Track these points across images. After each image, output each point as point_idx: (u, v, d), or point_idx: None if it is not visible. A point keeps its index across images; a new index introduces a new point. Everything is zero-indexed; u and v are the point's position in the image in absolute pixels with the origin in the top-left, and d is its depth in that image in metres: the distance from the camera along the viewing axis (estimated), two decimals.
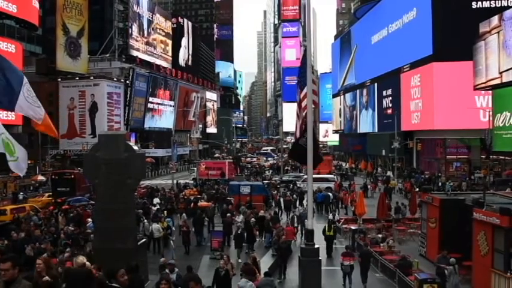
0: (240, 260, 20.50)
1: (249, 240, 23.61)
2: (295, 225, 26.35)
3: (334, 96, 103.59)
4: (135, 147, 14.99)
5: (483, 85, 43.49)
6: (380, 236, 24.14)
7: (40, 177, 49.67)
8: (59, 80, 67.37)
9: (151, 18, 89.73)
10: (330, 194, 36.48)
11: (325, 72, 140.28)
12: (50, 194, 40.39)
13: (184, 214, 27.54)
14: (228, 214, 26.89)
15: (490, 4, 50.21)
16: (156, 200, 34.33)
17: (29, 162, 50.77)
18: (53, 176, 43.32)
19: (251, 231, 24.10)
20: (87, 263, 12.90)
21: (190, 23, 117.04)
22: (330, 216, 27.10)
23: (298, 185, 44.27)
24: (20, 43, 58.58)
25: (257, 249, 23.09)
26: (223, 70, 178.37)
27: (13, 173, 46.72)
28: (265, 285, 13.52)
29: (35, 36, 69.77)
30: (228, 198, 33.92)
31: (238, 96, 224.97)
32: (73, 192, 37.34)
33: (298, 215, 27.71)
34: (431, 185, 40.21)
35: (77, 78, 68.93)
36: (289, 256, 20.44)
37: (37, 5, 58.74)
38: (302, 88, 16.27)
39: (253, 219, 25.49)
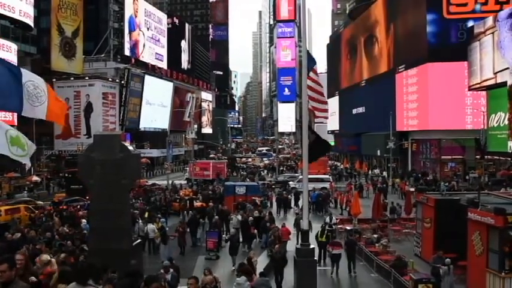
0: (234, 268, 19.82)
1: (247, 239, 23.94)
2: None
3: (329, 96, 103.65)
4: (130, 148, 14.96)
5: (478, 85, 43.70)
6: (375, 236, 24.21)
7: (35, 178, 49.42)
8: (54, 80, 66.97)
9: (147, 17, 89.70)
10: (322, 193, 36.79)
11: (321, 73, 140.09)
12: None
13: (191, 212, 27.80)
14: (216, 216, 26.38)
15: None
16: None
17: (23, 163, 50.87)
18: (67, 174, 45.75)
19: (248, 229, 24.31)
20: (52, 260, 12.86)
21: (189, 26, 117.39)
22: (327, 220, 26.34)
23: (291, 186, 44.35)
24: (15, 43, 58.43)
25: (253, 249, 23.07)
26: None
27: (7, 174, 46.77)
28: (261, 285, 13.51)
29: (29, 37, 69.48)
30: (255, 198, 33.18)
31: (234, 97, 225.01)
32: (86, 190, 37.65)
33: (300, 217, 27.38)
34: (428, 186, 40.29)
35: (72, 79, 68.67)
36: (285, 266, 18.24)
37: (32, 5, 58.75)
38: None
39: (251, 218, 25.54)
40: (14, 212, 29.82)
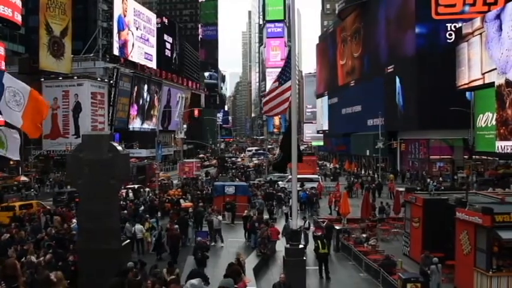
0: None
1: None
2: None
3: (318, 96, 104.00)
4: (119, 148, 14.90)
5: (466, 86, 43.96)
6: (364, 235, 24.27)
7: (23, 178, 48.93)
8: (42, 79, 66.60)
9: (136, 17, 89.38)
10: (314, 192, 36.89)
11: (310, 73, 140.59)
12: None
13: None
14: (176, 226, 23.42)
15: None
16: None
17: (11, 163, 50.16)
18: None
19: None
20: None
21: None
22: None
23: (281, 186, 44.33)
24: (3, 42, 57.97)
25: (243, 249, 23.04)
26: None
27: None
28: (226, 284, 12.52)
29: (17, 36, 68.96)
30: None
31: (223, 97, 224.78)
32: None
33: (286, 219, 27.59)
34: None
35: (61, 78, 68.21)
36: None
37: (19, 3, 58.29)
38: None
39: (255, 216, 25.71)
40: (28, 208, 30.72)
